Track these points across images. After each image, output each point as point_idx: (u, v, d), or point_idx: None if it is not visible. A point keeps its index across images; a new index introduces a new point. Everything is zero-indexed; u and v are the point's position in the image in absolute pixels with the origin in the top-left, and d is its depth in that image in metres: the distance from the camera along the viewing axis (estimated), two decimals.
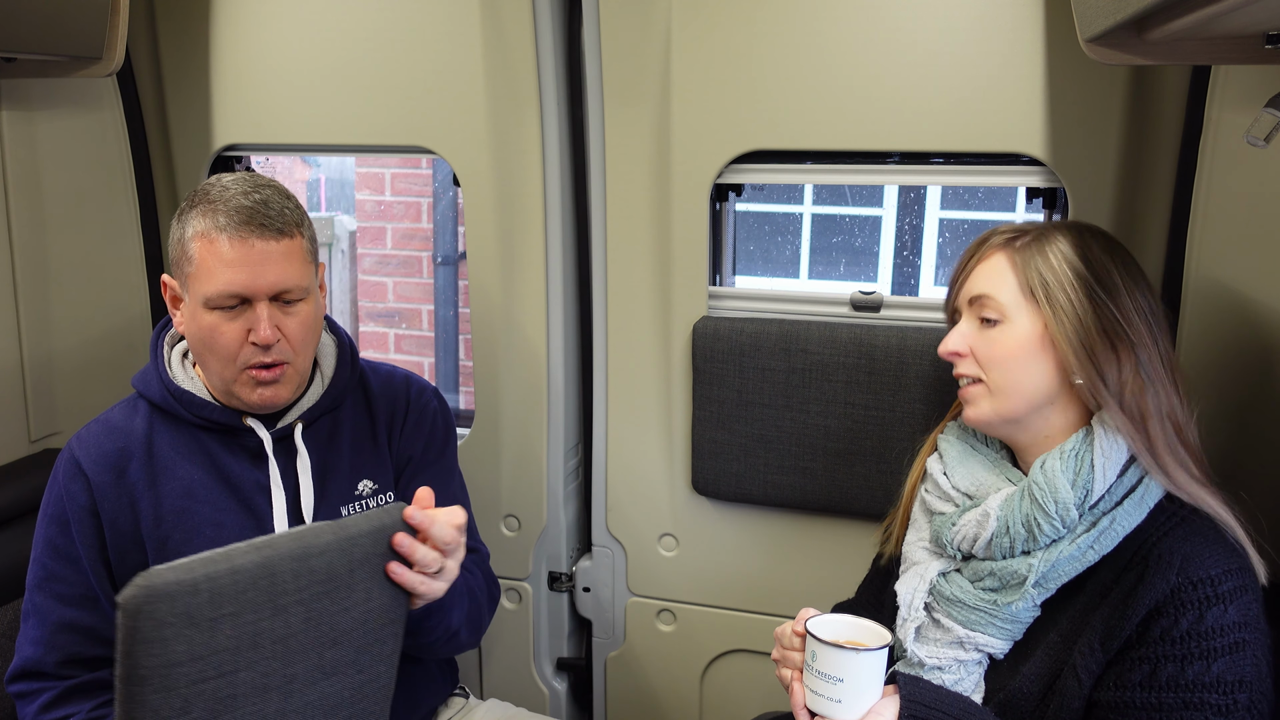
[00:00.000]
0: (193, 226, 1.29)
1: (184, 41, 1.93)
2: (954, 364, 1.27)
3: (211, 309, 1.29)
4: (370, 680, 1.16)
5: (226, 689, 1.03)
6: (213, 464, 1.38)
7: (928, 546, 1.27)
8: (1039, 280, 1.19)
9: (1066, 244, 1.20)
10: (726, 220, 1.87)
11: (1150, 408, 1.14)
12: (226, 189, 1.31)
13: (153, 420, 1.39)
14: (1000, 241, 1.24)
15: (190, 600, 0.98)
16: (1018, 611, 1.17)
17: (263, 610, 1.03)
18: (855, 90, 1.62)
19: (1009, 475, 1.23)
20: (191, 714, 1.01)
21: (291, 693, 1.08)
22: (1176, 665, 1.06)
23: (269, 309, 1.30)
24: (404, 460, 1.52)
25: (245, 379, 1.33)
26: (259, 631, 1.04)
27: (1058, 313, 1.17)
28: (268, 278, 1.28)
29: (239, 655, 1.03)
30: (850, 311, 1.76)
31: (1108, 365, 1.15)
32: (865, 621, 1.13)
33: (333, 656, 1.11)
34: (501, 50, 1.75)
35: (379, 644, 1.16)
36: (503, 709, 1.67)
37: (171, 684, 0.99)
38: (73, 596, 1.33)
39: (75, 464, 1.36)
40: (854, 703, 1.07)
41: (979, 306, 1.23)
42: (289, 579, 1.05)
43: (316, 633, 1.08)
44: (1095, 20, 1.15)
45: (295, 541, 1.07)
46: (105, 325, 1.95)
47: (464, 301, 4.62)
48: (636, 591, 1.96)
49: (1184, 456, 1.15)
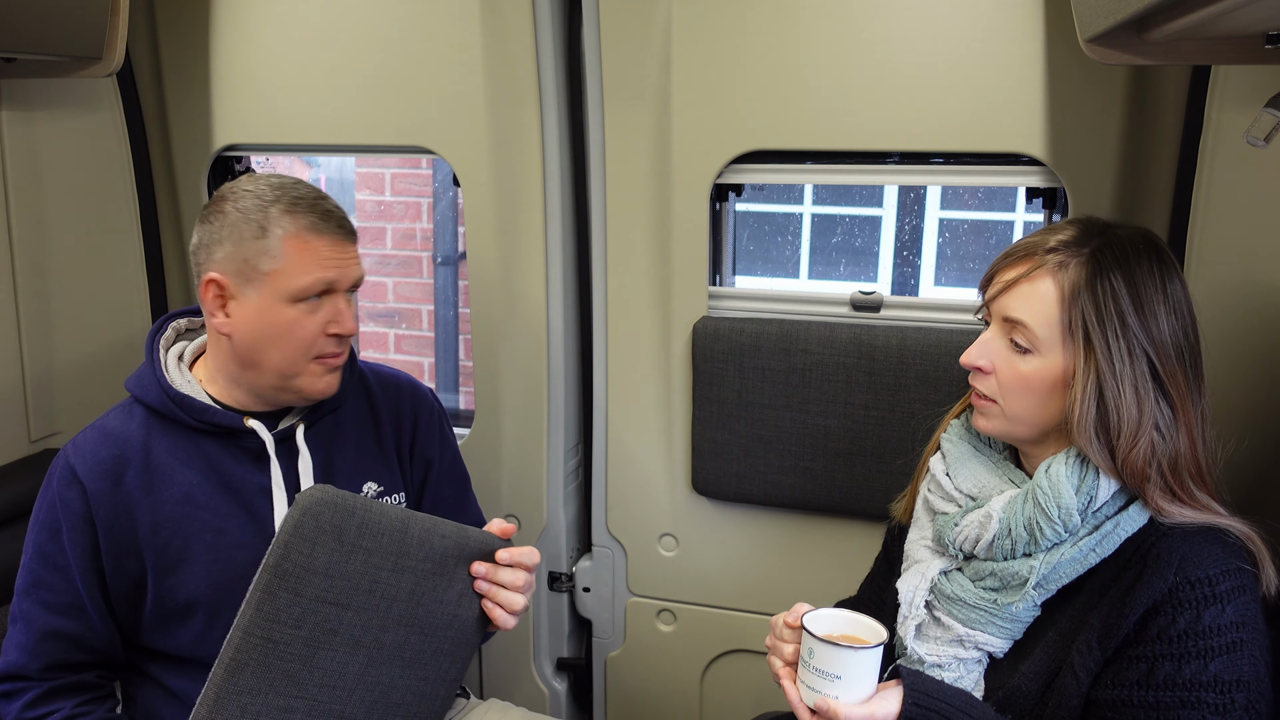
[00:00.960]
0: (282, 226, 1.32)
1: (184, 41, 1.93)
2: (973, 377, 1.22)
3: (295, 302, 1.33)
4: (429, 695, 1.25)
5: (334, 621, 1.14)
6: (212, 468, 1.37)
7: (929, 545, 1.27)
8: (1080, 320, 1.11)
9: (1119, 277, 1.11)
10: (726, 220, 1.87)
11: (1152, 469, 1.10)
12: (304, 194, 1.35)
13: (149, 426, 1.38)
14: (1054, 264, 1.14)
15: (346, 520, 1.13)
16: (1018, 611, 1.16)
17: (388, 560, 1.16)
18: (855, 90, 1.62)
19: (1011, 477, 1.23)
20: (301, 631, 1.12)
21: (374, 661, 1.18)
22: (1174, 664, 1.06)
23: (348, 302, 1.38)
24: (424, 465, 1.54)
25: (315, 369, 1.37)
26: (378, 579, 1.16)
27: (1090, 359, 1.11)
28: (354, 271, 1.38)
29: (356, 593, 1.15)
30: (850, 311, 1.76)
31: (1125, 420, 1.10)
32: (861, 617, 1.13)
33: (416, 644, 1.21)
34: (501, 50, 1.76)
35: (448, 661, 1.25)
36: (503, 709, 1.67)
37: (303, 589, 1.11)
38: (59, 605, 1.33)
39: (71, 471, 1.34)
40: (851, 700, 1.07)
41: (1012, 329, 1.17)
42: (416, 544, 1.18)
43: (414, 610, 1.20)
44: (1095, 20, 1.15)
45: (428, 517, 1.20)
46: (105, 325, 1.95)
47: (464, 301, 4.62)
48: (636, 591, 1.96)
49: (1192, 492, 1.12)
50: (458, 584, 1.23)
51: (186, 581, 1.34)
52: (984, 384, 1.20)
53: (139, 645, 1.39)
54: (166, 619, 1.35)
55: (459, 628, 1.25)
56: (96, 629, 1.34)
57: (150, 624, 1.36)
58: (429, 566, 1.19)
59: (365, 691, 1.19)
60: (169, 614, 1.35)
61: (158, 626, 1.36)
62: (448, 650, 1.25)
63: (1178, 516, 1.11)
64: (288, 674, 1.13)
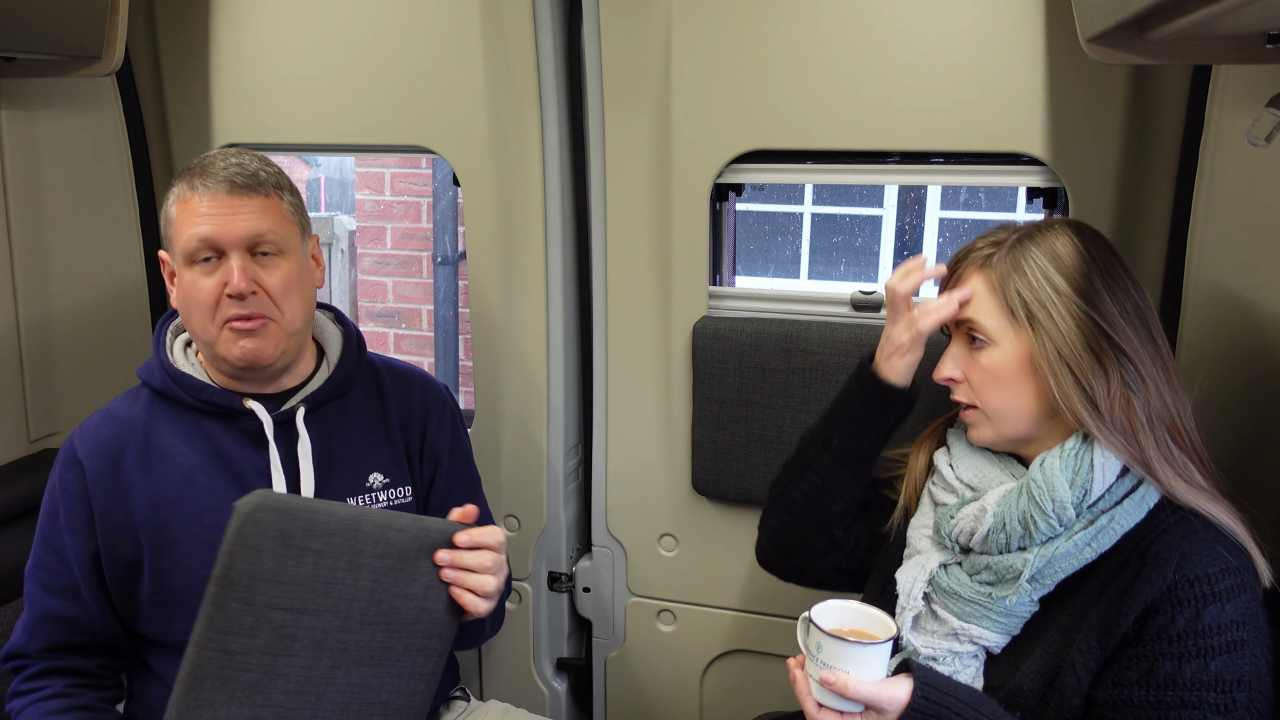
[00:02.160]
0: (173, 193, 1.35)
1: (184, 41, 1.93)
2: (950, 389, 1.26)
3: (190, 265, 1.32)
4: (406, 692, 1.22)
5: (290, 627, 1.12)
6: (213, 449, 1.38)
7: (931, 536, 1.27)
8: (1018, 300, 1.17)
9: (1042, 255, 1.18)
10: (726, 220, 1.87)
11: (1140, 418, 1.13)
12: (207, 157, 1.36)
13: (153, 407, 1.40)
14: (978, 261, 1.23)
15: (290, 524, 1.10)
16: (1013, 606, 1.16)
17: (340, 560, 1.14)
18: (855, 90, 1.62)
19: (1013, 470, 1.23)
20: (257, 639, 1.10)
21: (341, 662, 1.16)
22: (1174, 663, 1.06)
23: (242, 259, 1.32)
24: (433, 461, 1.52)
25: (226, 335, 1.34)
26: (332, 580, 1.13)
27: (1039, 333, 1.16)
28: (238, 226, 1.31)
29: (310, 596, 1.12)
30: (850, 311, 1.76)
31: (1096, 380, 1.13)
32: (871, 610, 1.13)
33: (383, 642, 1.18)
34: (501, 50, 1.75)
35: (424, 654, 1.22)
36: (503, 710, 1.67)
37: (252, 597, 1.09)
38: (55, 586, 1.36)
39: (71, 452, 1.38)
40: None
41: (968, 330, 1.23)
42: (369, 541, 1.15)
43: (377, 609, 1.17)
44: (1096, 20, 1.15)
45: (382, 513, 1.19)
46: (105, 324, 1.95)
47: (464, 301, 4.62)
48: (636, 591, 1.96)
49: (1182, 461, 1.14)
50: (422, 576, 1.20)
51: (184, 563, 1.34)
52: (961, 393, 1.24)
53: (139, 634, 1.40)
54: (164, 604, 1.36)
55: (429, 621, 1.21)
56: (91, 613, 1.36)
57: (148, 610, 1.36)
58: (387, 563, 1.17)
59: (336, 694, 1.17)
60: (166, 598, 1.35)
61: (155, 613, 1.36)
62: (420, 645, 1.22)
63: (1176, 487, 1.12)
64: (249, 684, 1.11)
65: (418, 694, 1.23)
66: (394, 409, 1.50)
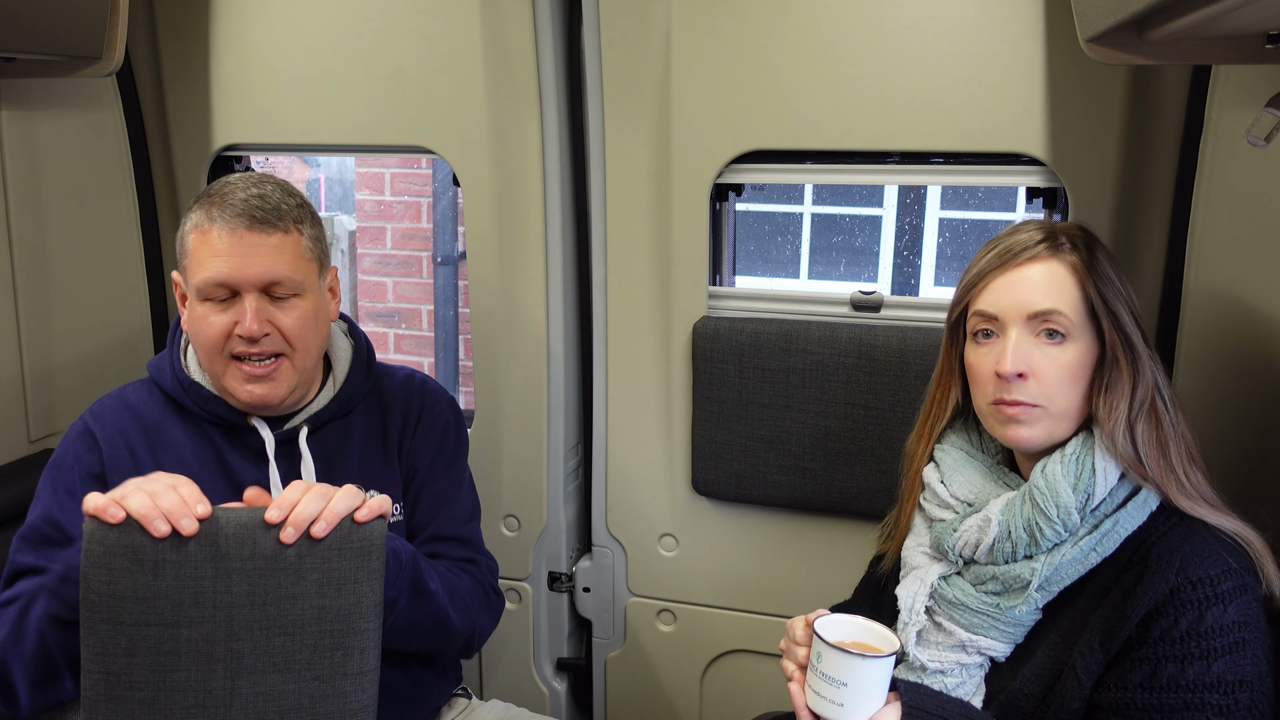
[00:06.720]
0: (191, 220, 1.32)
1: (184, 41, 1.93)
2: (1005, 388, 1.16)
3: (203, 300, 1.30)
4: (333, 695, 1.15)
5: (170, 642, 1.09)
6: (217, 457, 1.38)
7: (927, 551, 1.27)
8: (1097, 295, 1.14)
9: (1103, 255, 1.16)
10: (726, 220, 1.87)
11: (1166, 431, 1.13)
12: (228, 184, 1.32)
13: (165, 409, 1.40)
14: (1048, 249, 1.17)
15: (138, 537, 1.07)
16: (1020, 615, 1.16)
17: (205, 568, 1.09)
18: (855, 90, 1.62)
19: (1006, 481, 1.23)
20: (136, 658, 1.08)
21: (239, 672, 1.12)
22: (1177, 666, 1.06)
23: (257, 301, 1.30)
24: (411, 470, 1.50)
25: (235, 374, 1.32)
26: (201, 590, 1.10)
27: (1109, 335, 1.14)
28: (254, 268, 1.28)
29: (181, 609, 1.09)
30: (850, 311, 1.76)
31: (1136, 386, 1.13)
32: (875, 625, 1.12)
33: (283, 646, 1.13)
34: (501, 50, 1.75)
35: (340, 654, 1.14)
36: (504, 709, 1.67)
37: (119, 618, 1.07)
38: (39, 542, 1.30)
39: (90, 435, 1.36)
40: (856, 708, 1.05)
41: (1043, 321, 1.15)
42: (233, 545, 1.10)
43: (264, 613, 1.12)
44: (1095, 20, 1.15)
45: (249, 513, 1.12)
46: (105, 325, 1.95)
47: (464, 301, 4.62)
48: (636, 591, 1.96)
49: (1195, 480, 1.13)
50: (309, 574, 1.12)
51: None
52: (1024, 391, 1.15)
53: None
54: None
55: (334, 619, 1.13)
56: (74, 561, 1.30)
57: None
58: (261, 564, 1.11)
59: (244, 704, 1.13)
60: None
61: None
62: (332, 644, 1.14)
63: (1181, 500, 1.11)
64: (144, 702, 1.09)
65: (349, 695, 1.15)
66: (393, 423, 1.49)
